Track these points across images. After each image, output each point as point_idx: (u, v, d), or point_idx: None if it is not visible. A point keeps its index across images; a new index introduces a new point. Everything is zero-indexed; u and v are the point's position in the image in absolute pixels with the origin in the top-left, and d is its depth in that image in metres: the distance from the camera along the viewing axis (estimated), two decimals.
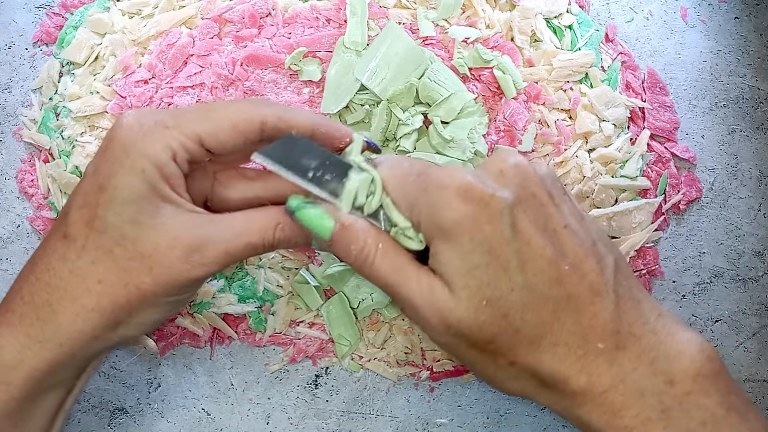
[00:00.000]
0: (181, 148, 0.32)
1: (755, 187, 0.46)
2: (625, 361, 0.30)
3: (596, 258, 0.31)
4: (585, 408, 0.30)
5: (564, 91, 0.45)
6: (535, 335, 0.30)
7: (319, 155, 0.33)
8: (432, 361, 0.45)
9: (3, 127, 0.46)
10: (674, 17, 0.47)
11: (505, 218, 0.30)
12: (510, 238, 0.30)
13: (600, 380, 0.30)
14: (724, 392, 0.30)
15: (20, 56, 0.46)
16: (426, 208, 0.31)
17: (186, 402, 0.45)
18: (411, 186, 0.31)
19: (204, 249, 0.32)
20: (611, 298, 0.30)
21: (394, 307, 0.44)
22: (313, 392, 0.45)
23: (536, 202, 0.31)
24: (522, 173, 0.31)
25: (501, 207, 0.30)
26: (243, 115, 0.33)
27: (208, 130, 0.32)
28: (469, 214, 0.30)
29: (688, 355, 0.30)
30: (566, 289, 0.30)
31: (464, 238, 0.30)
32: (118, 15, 0.45)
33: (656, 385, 0.30)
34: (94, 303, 0.31)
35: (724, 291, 0.46)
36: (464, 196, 0.30)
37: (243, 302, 0.44)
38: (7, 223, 0.45)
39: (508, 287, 0.30)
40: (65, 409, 0.35)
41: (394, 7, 0.45)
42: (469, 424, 0.45)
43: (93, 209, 0.31)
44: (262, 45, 0.44)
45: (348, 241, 0.32)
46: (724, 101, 0.47)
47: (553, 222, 0.31)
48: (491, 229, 0.30)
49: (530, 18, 0.45)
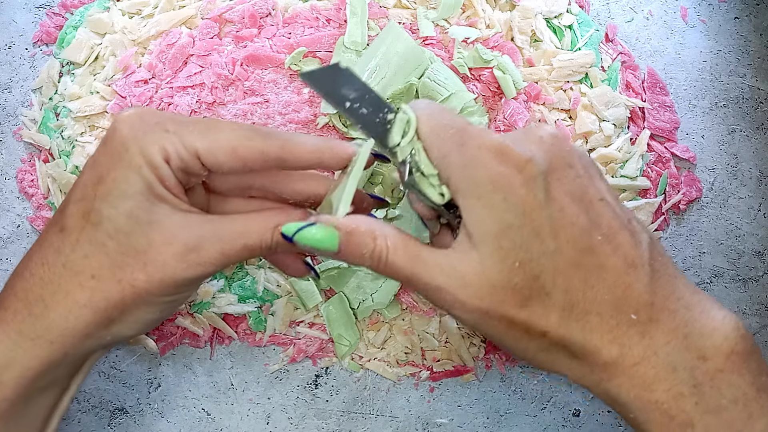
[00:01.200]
0: (176, 156, 0.31)
1: (755, 187, 0.46)
2: (658, 334, 0.30)
3: (631, 232, 0.31)
4: (615, 381, 0.30)
5: (564, 91, 0.45)
6: (567, 301, 0.30)
7: (359, 88, 0.33)
8: (432, 361, 0.45)
9: (3, 127, 0.46)
10: (674, 17, 0.47)
11: (539, 183, 0.30)
12: (543, 203, 0.30)
13: (632, 352, 0.30)
14: (756, 372, 0.30)
15: (20, 56, 0.46)
16: (461, 163, 0.30)
17: (186, 402, 0.45)
18: (447, 139, 0.31)
19: (200, 248, 0.31)
20: (646, 270, 0.30)
21: (395, 307, 0.44)
22: (313, 392, 0.45)
23: (573, 172, 0.31)
24: (561, 144, 0.31)
25: (536, 172, 0.30)
26: (245, 140, 0.32)
27: (206, 147, 0.32)
28: (504, 174, 0.29)
29: (722, 333, 0.30)
30: (599, 259, 0.30)
31: (498, 198, 0.29)
32: (118, 15, 0.45)
33: (689, 360, 0.29)
34: (86, 299, 0.31)
35: (724, 291, 0.46)
36: (501, 158, 0.30)
37: (243, 302, 0.44)
38: (7, 223, 0.45)
39: (539, 251, 0.29)
40: (60, 409, 0.35)
41: (394, 7, 0.45)
42: (469, 424, 0.45)
43: (90, 201, 0.31)
44: (262, 45, 0.44)
45: (358, 247, 0.31)
46: (724, 101, 0.47)
47: (589, 194, 0.31)
48: (525, 192, 0.29)
49: (530, 18, 0.45)
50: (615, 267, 0.30)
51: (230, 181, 0.35)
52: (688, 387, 0.29)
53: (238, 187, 0.36)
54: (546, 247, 0.30)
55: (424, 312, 0.44)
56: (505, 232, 0.29)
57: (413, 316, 0.45)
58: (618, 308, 0.30)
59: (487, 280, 0.30)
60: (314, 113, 0.44)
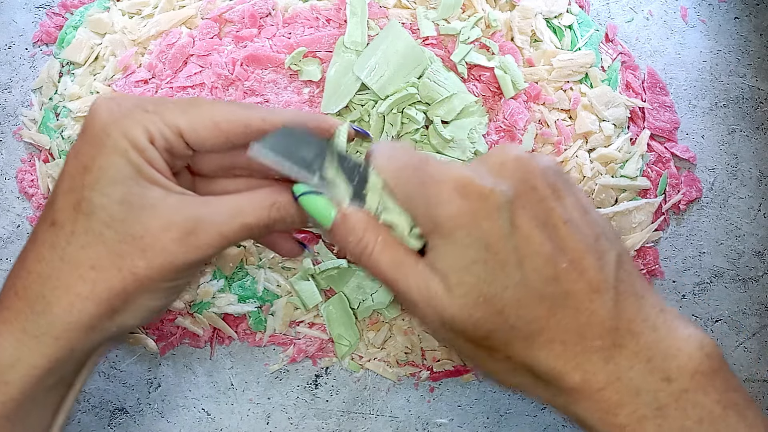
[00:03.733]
0: (160, 135, 0.31)
1: (755, 187, 0.46)
2: (622, 359, 0.30)
3: (597, 254, 0.31)
4: (580, 405, 0.30)
5: (564, 91, 0.45)
6: (531, 331, 0.30)
7: (316, 146, 0.32)
8: (432, 361, 0.45)
9: (3, 127, 0.46)
10: (674, 17, 0.47)
11: (503, 213, 0.29)
12: (508, 234, 0.29)
13: (596, 378, 0.30)
14: (722, 390, 0.30)
15: (20, 56, 0.46)
16: (423, 202, 0.30)
17: (186, 402, 0.45)
18: (408, 179, 0.31)
19: (199, 231, 0.31)
20: (610, 294, 0.30)
21: (395, 307, 0.44)
22: (313, 392, 0.45)
23: (536, 196, 0.31)
24: (523, 166, 0.31)
25: (499, 202, 0.29)
26: (227, 114, 0.32)
27: (188, 123, 0.31)
28: (466, 209, 0.29)
29: (687, 353, 0.30)
30: (563, 286, 0.30)
31: (461, 234, 0.29)
32: (118, 15, 0.45)
33: (652, 382, 0.29)
34: (88, 291, 0.30)
35: (724, 291, 0.46)
36: (462, 191, 0.29)
37: (243, 302, 0.44)
38: (7, 223, 0.45)
39: (503, 284, 0.29)
40: (66, 407, 0.34)
41: (394, 7, 0.45)
42: (469, 424, 0.45)
43: (80, 192, 0.30)
44: (262, 45, 0.44)
45: (347, 232, 0.31)
46: (724, 101, 0.47)
47: (553, 217, 0.31)
48: (489, 225, 0.29)
49: (530, 18, 0.45)
50: (579, 294, 0.30)
51: (214, 161, 0.35)
52: (651, 410, 0.29)
53: (222, 167, 0.35)
54: (511, 280, 0.29)
55: None
56: (469, 268, 0.29)
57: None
58: (582, 335, 0.30)
59: (451, 311, 0.30)
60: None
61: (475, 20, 0.44)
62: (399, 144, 0.33)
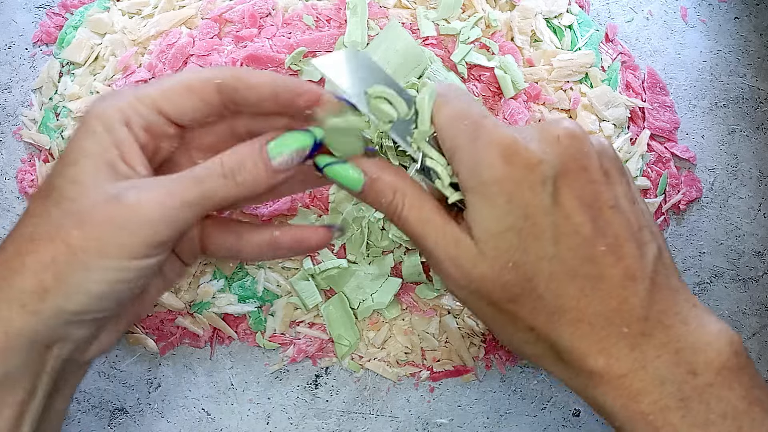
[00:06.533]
0: (135, 113, 0.31)
1: (755, 187, 0.46)
2: (649, 347, 0.30)
3: (638, 243, 0.31)
4: (599, 389, 0.30)
5: (564, 91, 0.45)
6: (558, 306, 0.30)
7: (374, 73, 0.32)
8: (432, 361, 0.45)
9: (3, 127, 0.46)
10: (674, 17, 0.47)
11: (547, 187, 0.29)
12: (549, 208, 0.29)
13: (619, 363, 0.29)
14: (747, 386, 0.30)
15: (20, 56, 0.46)
16: (469, 159, 0.30)
17: (186, 402, 0.45)
18: (460, 131, 0.31)
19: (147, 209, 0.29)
20: (645, 284, 0.30)
21: (394, 307, 0.44)
22: (313, 392, 0.45)
23: (586, 176, 0.30)
24: (578, 143, 0.31)
25: (545, 175, 0.29)
26: (196, 75, 0.32)
27: (161, 93, 0.31)
28: (510, 176, 0.29)
29: (716, 348, 0.30)
30: (598, 269, 0.30)
31: (501, 200, 0.29)
32: (118, 15, 0.45)
33: (678, 374, 0.29)
34: (19, 264, 0.29)
35: (724, 291, 0.46)
36: (511, 157, 0.29)
37: (243, 302, 0.44)
38: (7, 223, 0.45)
39: (537, 255, 0.29)
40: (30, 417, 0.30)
41: (394, 7, 0.45)
42: (469, 424, 0.45)
43: (50, 178, 0.30)
44: (262, 45, 0.44)
45: (378, 194, 0.32)
46: (724, 101, 0.47)
47: (600, 200, 0.30)
48: (531, 196, 0.29)
49: (530, 18, 0.45)
50: (613, 278, 0.30)
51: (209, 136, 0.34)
52: (675, 400, 0.29)
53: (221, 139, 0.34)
54: (545, 252, 0.29)
55: (424, 312, 0.44)
56: (504, 234, 0.29)
57: (413, 316, 0.45)
58: (610, 320, 0.30)
59: (480, 270, 0.30)
60: None
61: (475, 20, 0.44)
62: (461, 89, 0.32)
